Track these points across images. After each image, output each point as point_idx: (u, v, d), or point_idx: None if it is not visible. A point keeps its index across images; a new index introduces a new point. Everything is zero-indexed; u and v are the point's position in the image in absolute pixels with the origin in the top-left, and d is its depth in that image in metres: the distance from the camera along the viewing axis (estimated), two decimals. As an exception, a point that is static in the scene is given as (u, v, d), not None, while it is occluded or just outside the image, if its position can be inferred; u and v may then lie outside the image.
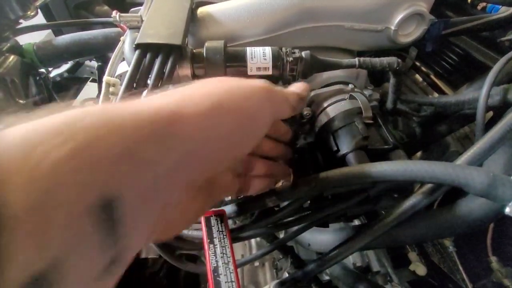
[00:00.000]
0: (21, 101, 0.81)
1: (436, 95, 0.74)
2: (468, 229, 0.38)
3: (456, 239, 0.76)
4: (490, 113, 0.56)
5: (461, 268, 0.73)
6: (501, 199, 0.28)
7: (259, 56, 0.45)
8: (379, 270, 0.70)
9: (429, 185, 0.36)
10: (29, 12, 0.97)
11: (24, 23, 0.99)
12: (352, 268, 0.68)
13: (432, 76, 0.77)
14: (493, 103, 0.49)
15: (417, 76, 0.81)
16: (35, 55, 0.96)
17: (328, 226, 0.66)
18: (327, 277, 0.69)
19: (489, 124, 0.39)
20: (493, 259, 0.67)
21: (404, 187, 0.47)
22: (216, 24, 0.53)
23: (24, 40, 0.98)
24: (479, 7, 0.73)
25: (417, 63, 0.81)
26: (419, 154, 0.78)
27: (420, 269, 0.78)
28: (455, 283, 0.76)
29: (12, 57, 0.87)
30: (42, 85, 0.99)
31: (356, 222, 0.73)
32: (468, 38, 0.70)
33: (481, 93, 0.45)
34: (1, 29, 0.90)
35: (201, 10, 0.54)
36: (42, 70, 1.03)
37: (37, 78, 0.97)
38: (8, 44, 0.90)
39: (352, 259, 0.69)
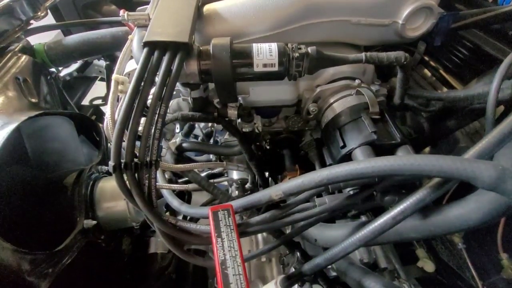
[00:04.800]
0: (33, 100, 0.83)
1: (445, 90, 0.73)
2: (478, 225, 0.37)
3: (466, 235, 0.74)
4: (501, 108, 0.55)
5: (470, 265, 0.72)
6: (511, 193, 0.28)
7: (265, 52, 0.46)
8: (387, 266, 0.70)
9: (437, 179, 0.36)
10: (39, 13, 0.99)
11: (34, 24, 1.01)
12: (359, 264, 0.68)
13: (441, 71, 0.75)
14: (504, 97, 0.48)
15: (426, 71, 0.80)
16: (46, 55, 0.98)
17: (334, 222, 0.66)
18: (334, 273, 0.69)
19: (500, 119, 0.38)
20: (504, 256, 0.66)
21: (411, 183, 0.47)
22: (222, 21, 0.53)
23: (35, 40, 1.00)
24: (490, -1, 0.71)
25: (426, 58, 0.79)
26: (427, 149, 0.77)
27: (429, 266, 0.77)
28: (464, 281, 0.75)
29: (24, 57, 0.89)
30: (53, 84, 1.01)
31: (363, 218, 0.73)
32: (479, 31, 0.68)
33: (492, 87, 0.44)
34: (13, 30, 0.92)
35: (207, 8, 0.55)
36: (53, 69, 1.05)
37: (48, 77, 0.99)
38: (20, 45, 0.92)
39: (359, 255, 0.69)
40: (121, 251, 0.91)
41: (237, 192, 0.83)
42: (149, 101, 0.43)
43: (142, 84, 0.43)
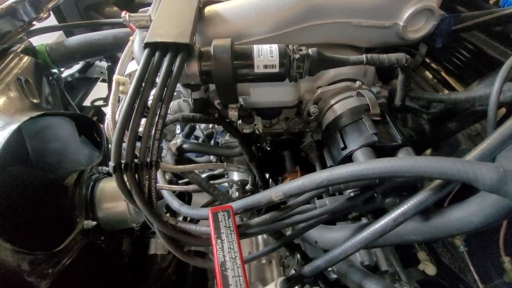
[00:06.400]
0: (34, 100, 0.83)
1: (446, 92, 0.73)
2: (479, 228, 0.37)
3: (467, 238, 0.74)
4: (503, 110, 0.55)
5: (472, 268, 0.72)
6: (513, 196, 0.28)
7: (266, 53, 0.46)
8: (387, 269, 0.70)
9: (438, 181, 0.36)
10: (41, 14, 1.00)
11: (37, 25, 1.01)
12: (360, 267, 0.67)
13: (443, 73, 0.75)
14: (506, 99, 0.47)
15: (427, 73, 0.80)
16: (48, 56, 0.98)
17: (335, 224, 0.66)
18: (334, 275, 0.69)
19: (501, 121, 0.38)
20: (506, 259, 0.65)
21: (412, 185, 0.47)
22: (224, 22, 0.53)
23: (37, 41, 1.01)
24: (491, 1, 0.71)
25: (427, 60, 0.79)
26: (428, 151, 0.77)
27: (430, 269, 0.76)
28: (466, 284, 0.75)
29: (26, 58, 0.90)
30: (55, 85, 1.01)
31: (364, 220, 0.73)
32: (480, 33, 0.68)
33: (493, 89, 0.44)
34: (16, 31, 0.93)
35: (208, 9, 0.55)
36: (55, 70, 1.06)
37: (50, 78, 1.00)
38: (22, 46, 0.93)
39: (360, 258, 0.68)
40: (121, 252, 0.91)
41: (237, 193, 0.83)
42: (149, 102, 0.43)
43: (143, 85, 0.43)
